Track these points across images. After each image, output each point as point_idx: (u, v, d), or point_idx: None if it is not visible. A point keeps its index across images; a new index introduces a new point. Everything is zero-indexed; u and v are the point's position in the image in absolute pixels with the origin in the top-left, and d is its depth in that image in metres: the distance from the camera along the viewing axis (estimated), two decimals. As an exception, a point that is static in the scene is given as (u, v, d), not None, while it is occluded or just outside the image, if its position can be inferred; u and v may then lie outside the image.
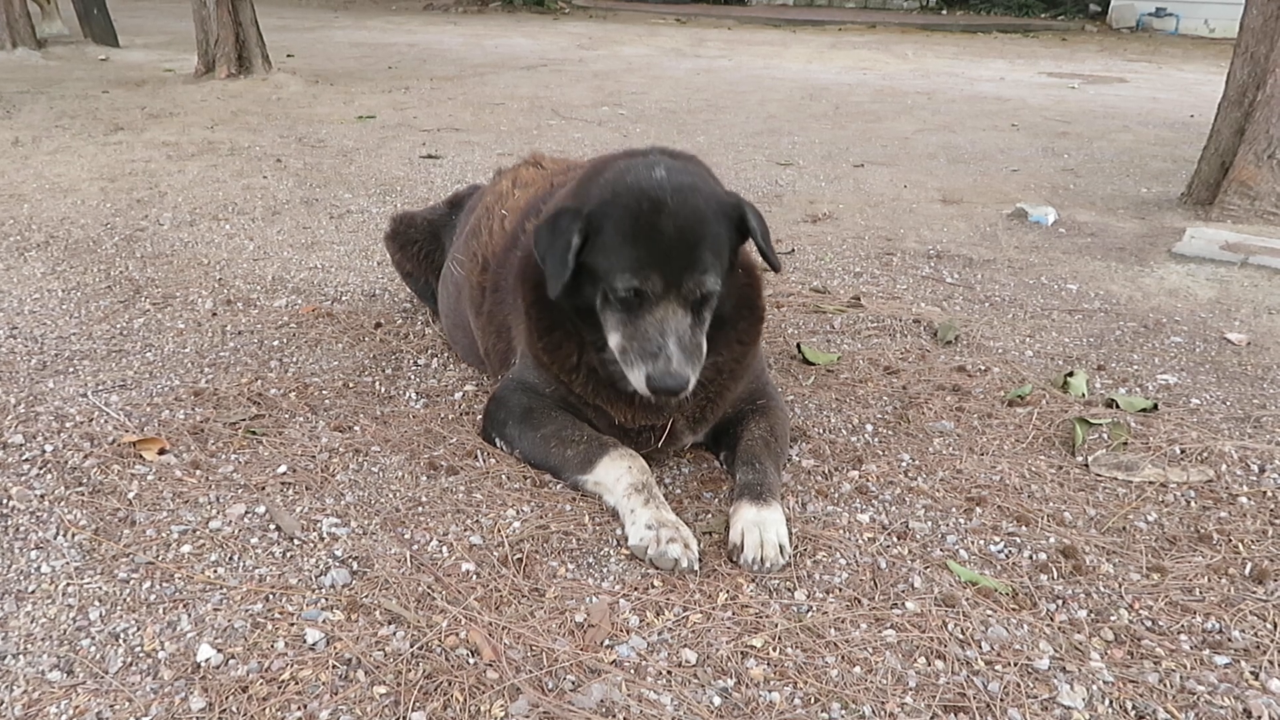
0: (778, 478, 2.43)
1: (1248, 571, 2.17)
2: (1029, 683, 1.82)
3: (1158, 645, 1.93)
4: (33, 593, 1.99)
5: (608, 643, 1.90)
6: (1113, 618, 2.01)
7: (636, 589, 2.07)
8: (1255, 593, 2.11)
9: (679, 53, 14.17)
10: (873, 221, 5.31)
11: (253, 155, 6.53)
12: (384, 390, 3.04)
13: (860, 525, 2.34)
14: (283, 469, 2.50)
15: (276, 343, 3.38)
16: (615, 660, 1.86)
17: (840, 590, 2.09)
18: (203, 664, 1.80)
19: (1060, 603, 2.06)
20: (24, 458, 2.50)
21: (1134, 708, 1.77)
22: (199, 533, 2.22)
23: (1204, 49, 16.29)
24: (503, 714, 1.71)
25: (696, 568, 2.13)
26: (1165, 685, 1.82)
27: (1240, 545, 2.28)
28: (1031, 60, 14.23)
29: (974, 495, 2.48)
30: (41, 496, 2.33)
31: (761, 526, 2.18)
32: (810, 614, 2.01)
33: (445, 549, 2.19)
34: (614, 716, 1.71)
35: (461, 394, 3.03)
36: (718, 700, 1.77)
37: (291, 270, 4.22)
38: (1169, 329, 3.76)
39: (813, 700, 1.77)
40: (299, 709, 1.71)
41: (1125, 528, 2.36)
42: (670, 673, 1.83)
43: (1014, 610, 2.03)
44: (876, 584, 2.11)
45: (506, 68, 11.82)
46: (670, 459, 2.66)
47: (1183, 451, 2.71)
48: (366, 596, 2.01)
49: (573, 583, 2.10)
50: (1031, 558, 2.22)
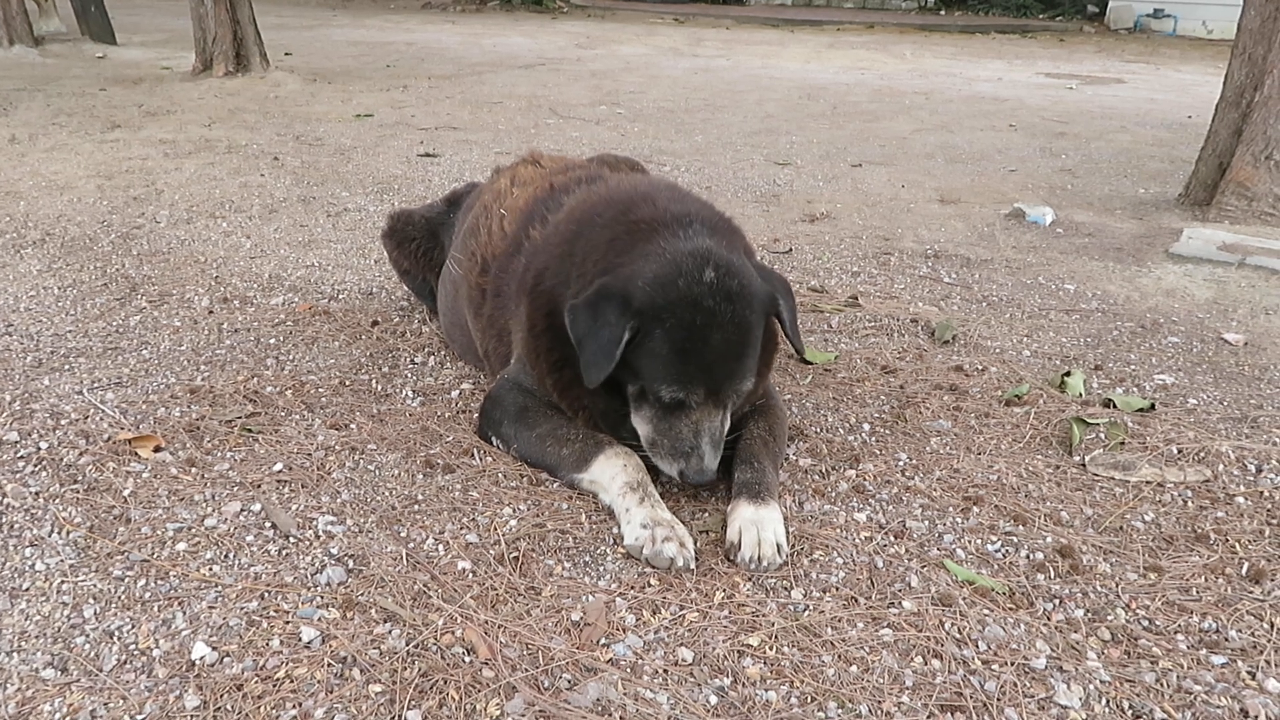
0: (775, 477, 2.42)
1: (1244, 571, 2.17)
2: (1026, 682, 1.82)
3: (1155, 645, 1.93)
4: (27, 590, 1.99)
5: (604, 641, 1.90)
6: (1110, 617, 2.01)
7: (633, 587, 2.07)
8: (1252, 592, 2.11)
9: (677, 52, 14.17)
10: (870, 221, 5.31)
11: (250, 153, 6.52)
12: (380, 388, 3.03)
13: (857, 524, 2.34)
14: (278, 467, 2.50)
15: (273, 341, 3.38)
16: (611, 659, 1.85)
17: (837, 589, 2.09)
18: (197, 662, 1.80)
19: (1057, 602, 2.06)
20: (19, 455, 2.50)
21: (1131, 707, 1.76)
22: (194, 530, 2.21)
23: (1202, 50, 16.30)
24: (498, 712, 1.71)
25: (693, 566, 2.13)
26: (1162, 685, 1.82)
27: (1237, 545, 2.28)
28: (1029, 61, 14.24)
29: (971, 494, 2.48)
30: (36, 494, 2.32)
31: (759, 525, 2.18)
32: (807, 613, 2.00)
33: (441, 547, 2.19)
34: (610, 715, 1.71)
35: (458, 392, 3.03)
36: (714, 699, 1.76)
37: (288, 268, 4.21)
38: (1166, 329, 3.76)
39: (809, 699, 1.77)
40: (294, 707, 1.70)
41: (1122, 527, 2.36)
42: (667, 671, 1.82)
43: (1011, 609, 2.03)
44: (873, 583, 2.11)
45: (504, 67, 11.81)
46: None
47: (1180, 451, 2.71)
48: (362, 594, 2.00)
49: (569, 581, 2.09)
50: (1028, 557, 2.22)
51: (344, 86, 9.71)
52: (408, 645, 1.86)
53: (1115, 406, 2.99)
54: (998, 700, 1.77)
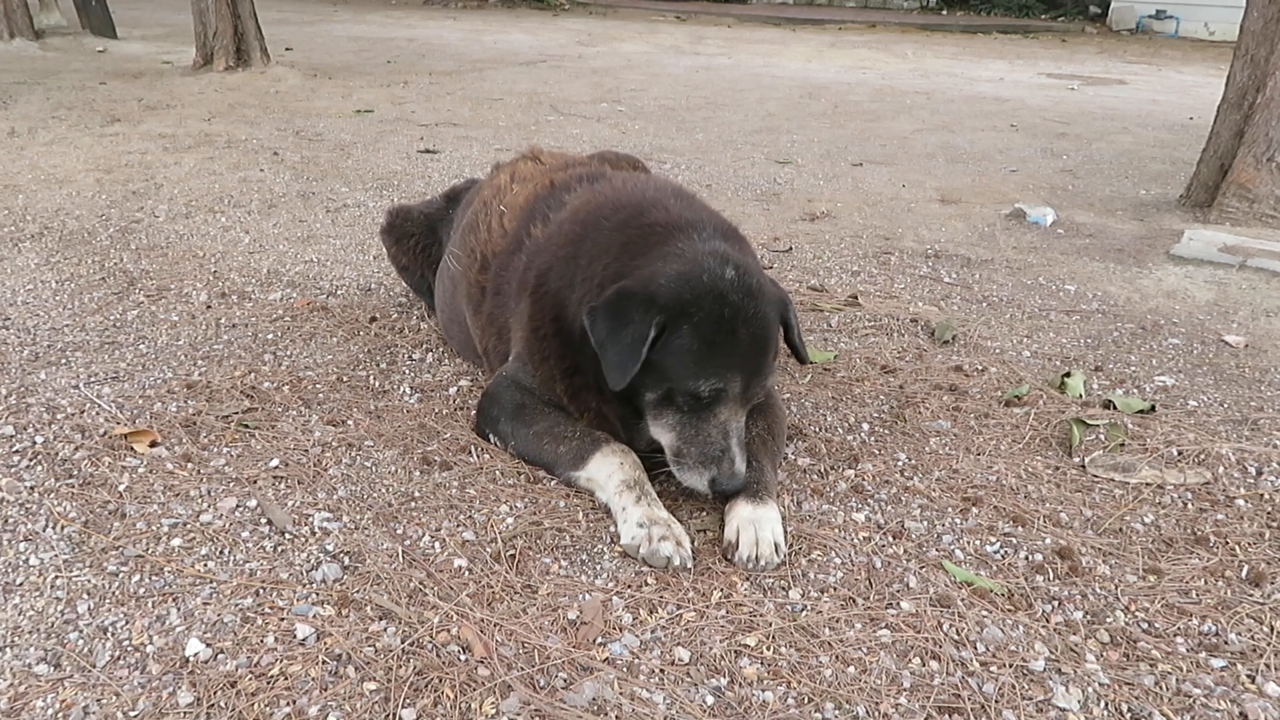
0: (774, 476, 2.41)
1: (1244, 574, 2.16)
2: (1024, 684, 1.81)
3: (1154, 647, 1.92)
4: (20, 585, 1.98)
5: (600, 640, 1.89)
6: (1108, 619, 2.00)
7: (630, 586, 2.06)
8: (1252, 595, 2.10)
9: (678, 50, 14.15)
10: (871, 220, 5.29)
11: (249, 148, 6.50)
12: (378, 385, 3.02)
13: (856, 524, 2.33)
14: (275, 463, 2.49)
15: (270, 336, 3.37)
16: (608, 658, 1.84)
17: (835, 589, 2.08)
18: (191, 658, 1.79)
19: (1056, 604, 2.05)
20: (14, 449, 2.48)
21: (1129, 710, 1.76)
22: (189, 526, 2.20)
23: (1204, 51, 16.29)
24: (494, 711, 1.70)
25: (690, 565, 2.12)
26: (1161, 688, 1.81)
27: (1237, 548, 2.27)
28: (1031, 61, 14.22)
29: (970, 495, 2.47)
30: (31, 488, 2.31)
31: (757, 524, 2.17)
32: (805, 613, 1.99)
33: (438, 545, 2.18)
34: (606, 715, 1.70)
35: (456, 389, 3.01)
36: (711, 699, 1.75)
37: (287, 264, 4.20)
38: (1167, 331, 3.75)
39: (806, 700, 1.76)
40: (288, 704, 1.69)
41: (1122, 529, 2.35)
42: (663, 671, 1.81)
43: (1009, 611, 2.02)
44: (871, 583, 2.10)
45: (505, 63, 11.79)
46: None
47: (1180, 453, 2.70)
48: (358, 592, 1.99)
49: (566, 580, 2.08)
50: (1027, 558, 2.21)
51: (344, 82, 9.69)
52: (403, 643, 1.85)
53: (1115, 408, 2.98)
54: (996, 702, 1.76)
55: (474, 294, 2.92)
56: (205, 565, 2.07)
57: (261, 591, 1.99)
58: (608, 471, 2.32)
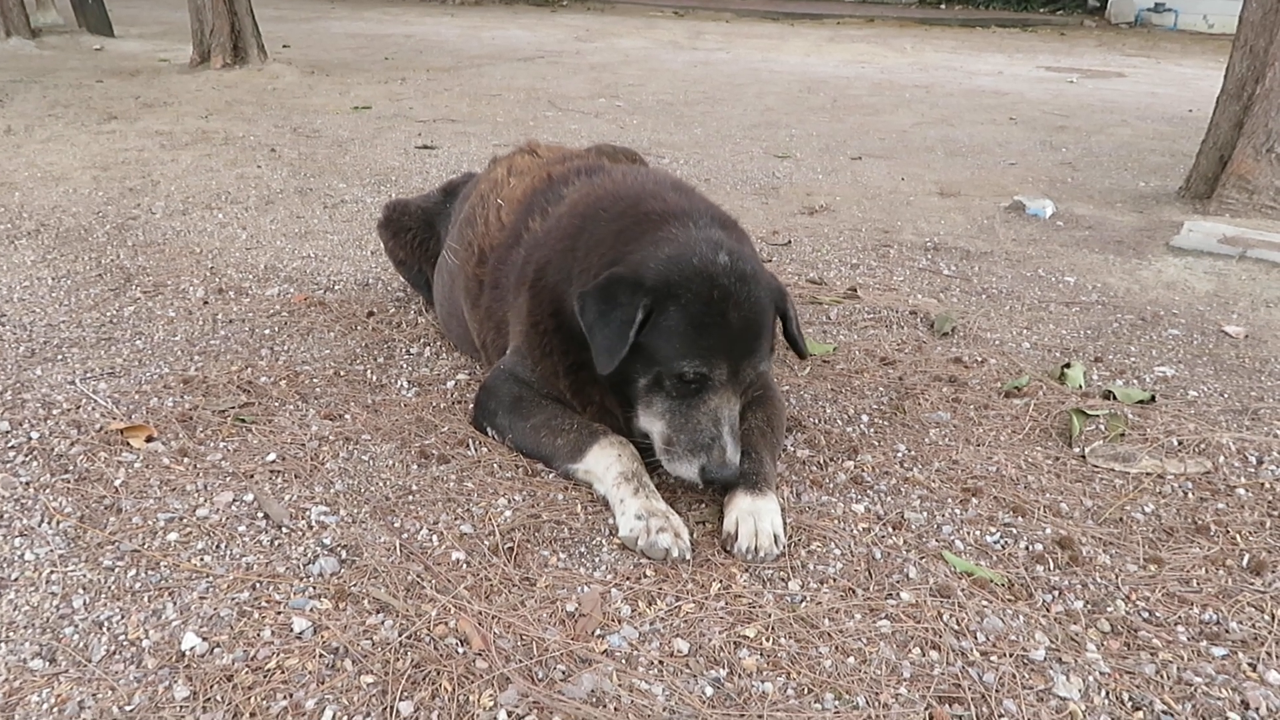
0: (773, 467, 2.40)
1: (1245, 563, 2.16)
2: (1024, 674, 1.80)
3: (1154, 636, 1.91)
4: (15, 580, 1.97)
5: (599, 632, 1.88)
6: (1109, 609, 1.99)
7: (629, 578, 2.05)
8: (1253, 584, 2.09)
9: (676, 45, 14.12)
10: (870, 214, 5.28)
11: (247, 145, 6.49)
12: (376, 379, 3.01)
13: (855, 515, 2.32)
14: (272, 457, 2.48)
15: (268, 331, 3.35)
16: (606, 650, 1.83)
17: (835, 580, 2.07)
18: (187, 652, 1.78)
19: (1056, 594, 2.04)
20: (9, 445, 2.47)
21: (1130, 699, 1.75)
22: (186, 520, 2.19)
23: (1202, 44, 16.27)
24: (492, 704, 1.69)
25: (688, 557, 2.11)
26: (1162, 676, 1.80)
27: (1238, 537, 2.26)
28: (1030, 54, 14.20)
29: (970, 486, 2.46)
30: (26, 484, 2.30)
31: (756, 516, 2.16)
32: (804, 604, 1.98)
33: (435, 538, 2.17)
34: (605, 706, 1.69)
35: (454, 383, 3.00)
36: (710, 690, 1.74)
37: (284, 259, 4.18)
38: (1166, 321, 3.74)
39: (806, 690, 1.75)
40: (284, 698, 1.68)
41: (1122, 519, 2.34)
42: (662, 663, 1.80)
43: (1010, 601, 2.01)
44: (871, 574, 2.09)
45: (503, 59, 11.77)
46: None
47: (1180, 443, 2.69)
48: (355, 585, 1.98)
49: (564, 572, 2.07)
50: (1028, 548, 2.20)
51: (342, 79, 9.67)
52: (400, 636, 1.84)
53: (1115, 398, 2.97)
54: (996, 692, 1.75)
55: (472, 288, 2.91)
56: (202, 560, 2.06)
57: (258, 585, 1.98)
58: (605, 463, 2.31)
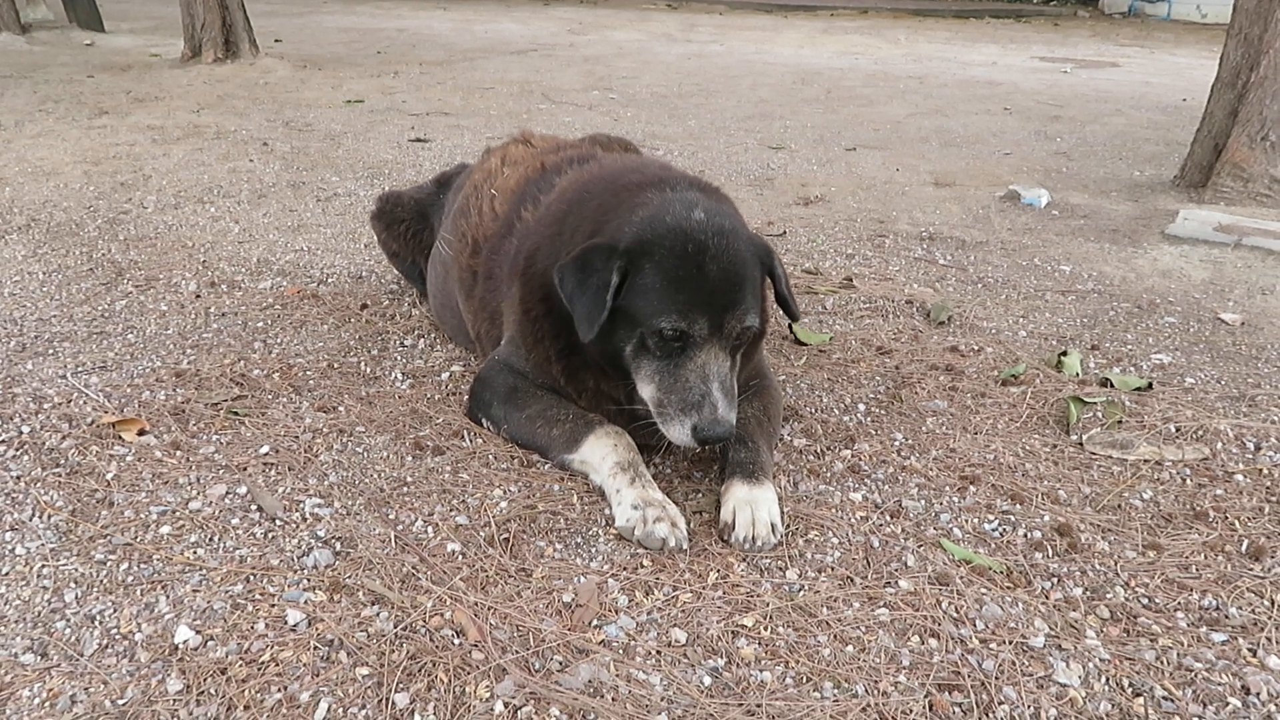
0: (770, 456, 2.39)
1: (1244, 549, 2.15)
2: (1024, 661, 1.79)
3: (1154, 623, 1.90)
4: (6, 574, 1.95)
5: (596, 623, 1.87)
6: (1108, 595, 1.99)
7: (625, 569, 2.04)
8: (1252, 569, 2.08)
9: (670, 38, 14.08)
10: (865, 204, 5.26)
11: (239, 139, 6.45)
12: (369, 371, 2.99)
13: (853, 504, 2.31)
14: (265, 449, 2.46)
15: (260, 324, 3.33)
16: (603, 640, 1.82)
17: (832, 569, 2.06)
18: (181, 646, 1.76)
19: (1055, 580, 2.03)
20: (0, 439, 2.45)
21: (1130, 685, 1.74)
22: (178, 514, 2.17)
23: (1196, 34, 16.26)
24: (488, 695, 1.67)
25: (685, 546, 2.10)
26: (1162, 662, 1.79)
27: (1236, 522, 2.25)
28: (1024, 45, 14.18)
29: (968, 474, 2.45)
30: (18, 478, 2.28)
31: (753, 505, 2.15)
32: (802, 593, 1.97)
33: (430, 529, 2.15)
34: (602, 697, 1.68)
35: (448, 374, 2.98)
36: (708, 680, 1.73)
37: (277, 252, 4.16)
38: (1163, 309, 3.73)
39: (805, 679, 1.74)
40: (279, 690, 1.67)
41: (1120, 505, 2.33)
42: (660, 653, 1.79)
43: (1009, 588, 2.00)
44: (869, 563, 2.08)
45: (496, 52, 11.73)
46: (660, 438, 2.62)
47: (1178, 430, 2.69)
48: (349, 577, 1.97)
49: (560, 563, 2.06)
50: (1026, 536, 2.19)
51: (334, 73, 9.62)
52: (396, 628, 1.82)
53: (1113, 386, 2.96)
54: (996, 679, 1.74)
55: (466, 279, 2.89)
56: (194, 552, 2.04)
57: (252, 578, 1.96)
58: (601, 454, 2.30)
